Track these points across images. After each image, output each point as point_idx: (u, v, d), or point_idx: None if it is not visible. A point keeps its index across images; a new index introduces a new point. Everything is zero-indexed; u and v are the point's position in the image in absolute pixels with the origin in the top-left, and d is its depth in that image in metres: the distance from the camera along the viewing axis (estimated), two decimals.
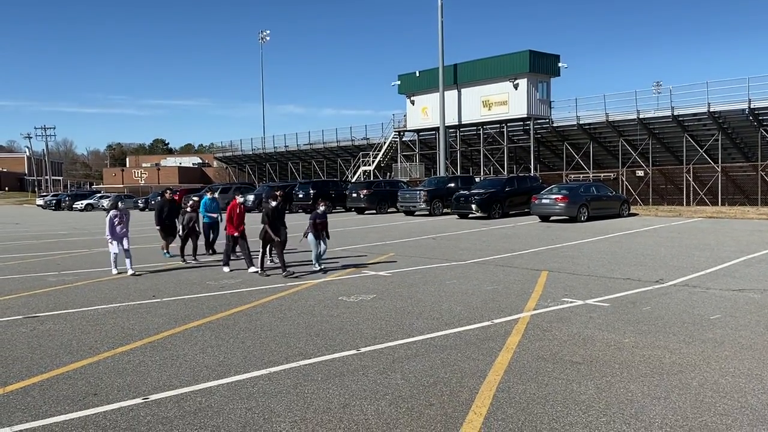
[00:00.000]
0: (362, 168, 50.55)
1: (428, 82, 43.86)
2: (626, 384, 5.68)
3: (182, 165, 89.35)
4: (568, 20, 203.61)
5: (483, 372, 6.09)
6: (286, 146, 62.23)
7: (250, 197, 37.53)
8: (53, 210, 59.61)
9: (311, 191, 36.53)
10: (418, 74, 45.53)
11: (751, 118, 33.62)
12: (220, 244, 15.04)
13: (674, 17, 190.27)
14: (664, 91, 41.99)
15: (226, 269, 13.13)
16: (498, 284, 10.72)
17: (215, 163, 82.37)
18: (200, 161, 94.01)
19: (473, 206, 27.05)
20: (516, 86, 39.99)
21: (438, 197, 30.82)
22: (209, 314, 8.98)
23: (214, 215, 16.35)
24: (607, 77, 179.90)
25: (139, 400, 5.49)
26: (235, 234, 13.07)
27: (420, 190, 31.43)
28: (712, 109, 34.34)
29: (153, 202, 50.45)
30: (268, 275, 12.36)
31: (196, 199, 15.89)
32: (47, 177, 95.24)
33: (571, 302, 9.25)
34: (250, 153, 67.45)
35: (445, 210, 30.56)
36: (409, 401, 5.35)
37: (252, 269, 12.77)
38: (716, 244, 16.18)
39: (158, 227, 15.65)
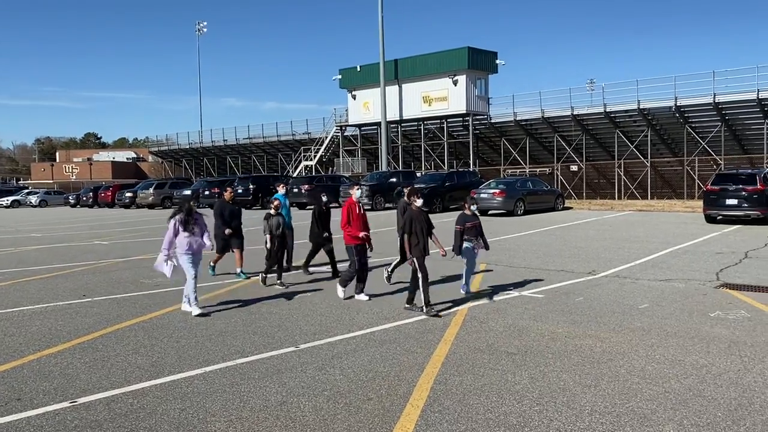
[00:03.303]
0: (304, 163, 50.14)
1: (369, 77, 43.84)
2: (559, 373, 5.84)
3: (116, 160, 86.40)
4: (506, 18, 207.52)
5: (421, 365, 6.15)
6: (224, 140, 60.99)
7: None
8: None
9: (251, 186, 36.01)
10: (359, 69, 45.45)
11: (677, 115, 35.13)
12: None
13: (607, 17, 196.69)
14: (597, 88, 43.52)
15: (341, 292, 9.46)
16: (437, 276, 10.83)
17: (150, 158, 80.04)
18: (135, 156, 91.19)
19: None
20: (455, 82, 40.47)
21: (380, 192, 30.91)
22: (143, 313, 8.73)
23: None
24: (543, 75, 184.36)
25: (66, 404, 5.28)
26: (359, 243, 9.42)
27: (363, 185, 31.44)
28: (641, 106, 35.70)
29: (84, 198, 48.74)
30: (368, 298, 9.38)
31: (276, 202, 11.08)
32: None
33: (507, 294, 9.45)
34: (187, 147, 65.78)
35: (387, 205, 30.67)
36: (348, 396, 5.34)
37: (340, 292, 9.43)
38: (645, 236, 16.84)
39: (230, 232, 11.42)
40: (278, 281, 10.56)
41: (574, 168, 39.91)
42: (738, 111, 33.88)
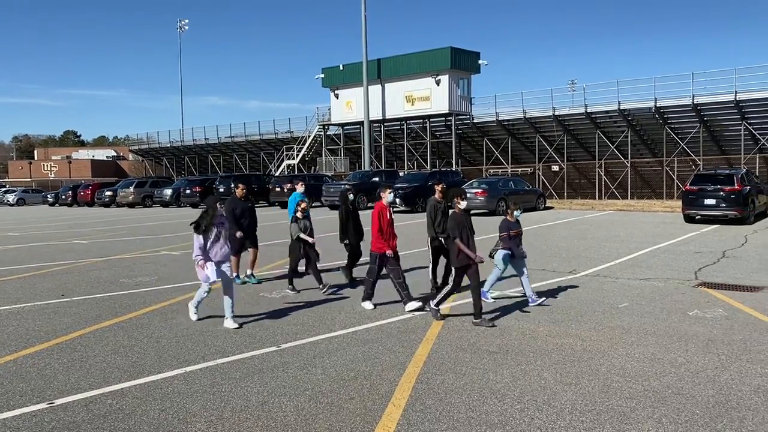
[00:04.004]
0: (286, 162, 49.92)
1: (352, 76, 43.78)
2: (540, 371, 5.88)
3: (95, 158, 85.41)
4: (488, 19, 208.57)
5: (403, 364, 6.15)
6: (206, 139, 60.53)
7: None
8: None
9: (233, 185, 35.76)
10: (342, 68, 45.35)
11: (657, 116, 35.52)
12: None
13: (588, 18, 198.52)
14: (578, 89, 43.81)
15: (368, 305, 8.64)
16: (420, 276, 10.84)
17: (131, 156, 79.23)
18: (115, 154, 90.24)
19: (397, 200, 27.31)
20: (438, 82, 40.56)
21: (362, 191, 30.89)
22: (122, 313, 8.63)
23: None
24: (525, 75, 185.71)
25: (43, 405, 5.20)
26: (387, 252, 8.52)
27: (344, 184, 31.41)
28: (622, 107, 36.04)
29: (63, 197, 48.10)
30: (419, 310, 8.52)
31: (303, 204, 10.10)
32: None
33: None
34: (168, 146, 65.20)
35: (369, 204, 30.65)
36: (329, 396, 5.33)
37: (412, 305, 8.38)
38: (625, 235, 17.01)
39: (241, 234, 10.53)
40: (290, 286, 9.91)
41: (555, 168, 40.20)
42: (716, 112, 34.34)
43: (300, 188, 11.43)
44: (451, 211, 8.01)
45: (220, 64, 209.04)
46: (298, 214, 9.88)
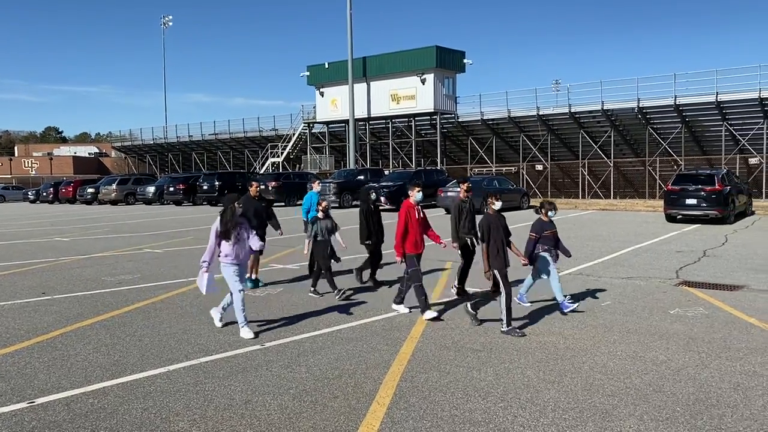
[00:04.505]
0: (271, 160, 49.70)
1: (337, 74, 43.69)
2: (523, 369, 5.91)
3: (77, 155, 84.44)
4: (474, 18, 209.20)
5: (387, 362, 6.15)
6: (189, 136, 60.08)
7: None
8: None
9: (217, 183, 35.58)
10: (327, 66, 45.23)
11: (639, 116, 35.85)
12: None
13: (572, 19, 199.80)
14: (562, 89, 44.09)
15: (430, 314, 7.86)
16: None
17: (113, 153, 78.47)
18: (97, 151, 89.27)
19: (382, 198, 27.34)
20: (423, 81, 40.59)
21: (347, 189, 30.89)
22: (105, 312, 8.55)
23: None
24: (509, 75, 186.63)
25: (23, 405, 5.14)
26: (397, 257, 8.07)
27: (329, 182, 31.36)
28: (605, 107, 36.32)
29: (44, 193, 47.54)
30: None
31: (324, 203, 9.66)
32: None
33: (473, 291, 9.51)
34: (151, 143, 64.63)
35: (354, 202, 30.63)
36: (313, 395, 5.32)
37: (429, 315, 7.83)
38: (608, 234, 17.15)
39: (281, 233, 10.70)
40: (312, 288, 9.47)
41: (539, 167, 40.44)
42: (698, 113, 34.73)
43: (317, 187, 11.06)
44: (485, 215, 7.58)
45: (204, 60, 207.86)
46: (320, 214, 9.46)
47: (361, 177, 32.36)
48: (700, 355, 6.28)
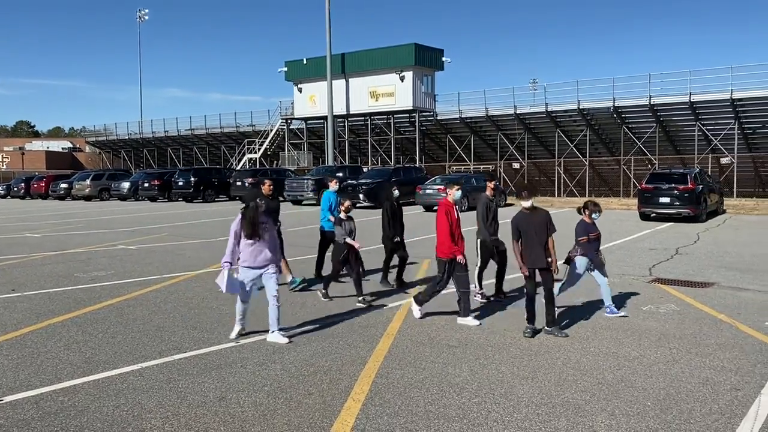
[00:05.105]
0: (248, 156, 49.33)
1: (316, 70, 43.49)
2: (497, 365, 5.96)
3: (50, 149, 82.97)
4: (452, 16, 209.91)
5: (363, 359, 6.15)
6: (165, 131, 59.37)
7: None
8: None
9: (192, 179, 35.23)
10: (305, 61, 45.00)
11: (615, 115, 36.28)
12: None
13: (549, 18, 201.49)
14: (539, 88, 44.57)
15: (417, 312, 7.78)
16: (378, 272, 10.84)
17: (87, 148, 77.27)
18: (71, 146, 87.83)
19: (361, 195, 27.34)
20: (402, 78, 40.60)
21: (326, 186, 30.80)
22: (76, 308, 8.42)
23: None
24: (487, 74, 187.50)
25: None
26: (459, 258, 7.59)
27: (308, 179, 31.23)
28: (581, 107, 36.70)
29: (15, 189, 46.65)
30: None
31: (347, 203, 9.16)
32: None
33: (448, 289, 9.53)
34: (126, 138, 63.78)
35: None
36: (288, 391, 5.30)
37: (468, 321, 7.53)
38: None
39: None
40: (323, 291, 8.91)
41: (516, 166, 40.71)
42: (672, 113, 35.25)
43: (333, 186, 10.40)
44: (518, 213, 7.31)
45: (180, 55, 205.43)
46: (342, 215, 8.90)
47: (340, 174, 32.26)
48: (671, 351, 6.38)
